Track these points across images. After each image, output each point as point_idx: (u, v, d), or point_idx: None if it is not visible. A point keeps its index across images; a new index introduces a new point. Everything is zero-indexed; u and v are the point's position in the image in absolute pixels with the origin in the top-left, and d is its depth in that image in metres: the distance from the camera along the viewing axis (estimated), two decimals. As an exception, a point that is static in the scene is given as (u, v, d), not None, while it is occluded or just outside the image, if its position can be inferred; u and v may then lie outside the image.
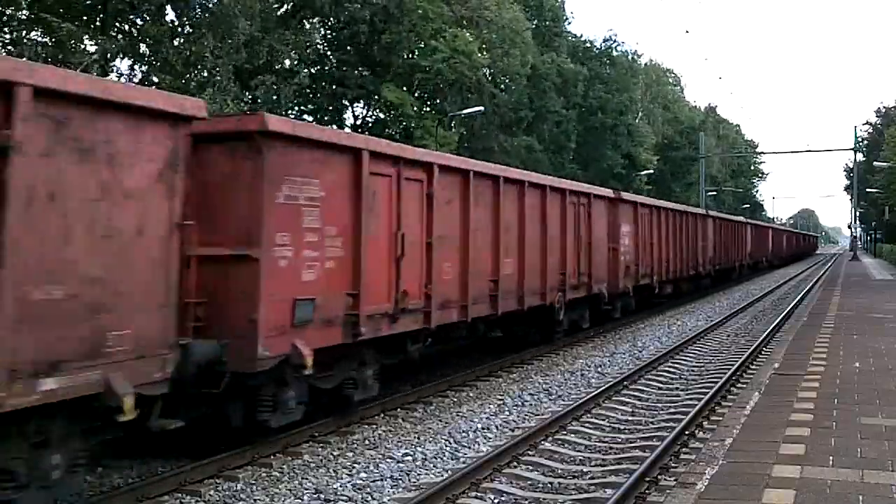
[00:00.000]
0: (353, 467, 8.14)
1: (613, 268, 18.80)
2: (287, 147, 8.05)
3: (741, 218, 45.72)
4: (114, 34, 22.66)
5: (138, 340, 6.19)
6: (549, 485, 7.74)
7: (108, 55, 21.75)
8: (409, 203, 10.20)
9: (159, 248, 6.43)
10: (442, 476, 7.76)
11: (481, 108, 37.05)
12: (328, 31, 34.64)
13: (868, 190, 67.03)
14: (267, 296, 7.70)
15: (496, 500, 7.25)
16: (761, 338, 16.72)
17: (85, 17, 23.91)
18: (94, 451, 6.84)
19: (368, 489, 7.46)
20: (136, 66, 24.24)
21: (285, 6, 26.85)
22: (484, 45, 39.42)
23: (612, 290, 18.50)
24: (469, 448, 9.01)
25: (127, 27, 24.67)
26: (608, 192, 19.58)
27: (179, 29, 25.69)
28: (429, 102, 38.79)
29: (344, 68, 34.91)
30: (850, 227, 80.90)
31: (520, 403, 11.33)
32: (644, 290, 21.60)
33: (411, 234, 10.18)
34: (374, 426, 9.81)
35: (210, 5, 23.88)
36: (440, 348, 13.44)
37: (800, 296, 28.70)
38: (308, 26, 30.83)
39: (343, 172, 8.94)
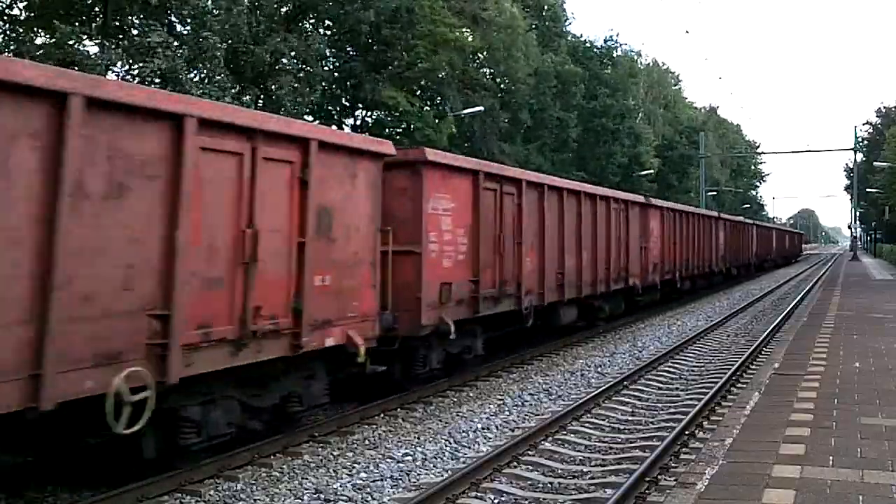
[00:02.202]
0: (353, 467, 8.14)
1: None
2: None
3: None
4: (112, 34, 22.64)
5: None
6: (549, 485, 7.74)
7: (110, 58, 21.74)
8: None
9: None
10: (442, 476, 7.76)
11: (481, 108, 37.04)
12: (331, 34, 34.62)
13: (868, 190, 67.01)
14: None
15: (496, 500, 7.25)
16: (761, 338, 16.72)
17: (85, 18, 23.91)
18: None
19: (368, 489, 7.46)
20: (133, 68, 24.21)
21: (285, 7, 26.83)
22: (484, 46, 39.42)
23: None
24: (469, 448, 9.01)
25: (126, 28, 24.66)
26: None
27: (179, 29, 25.71)
28: (429, 102, 38.74)
29: (345, 70, 34.89)
30: (850, 227, 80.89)
31: (520, 403, 11.33)
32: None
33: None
34: (374, 426, 9.81)
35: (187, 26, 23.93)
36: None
37: (800, 296, 28.71)
38: (310, 28, 30.82)
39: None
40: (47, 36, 22.88)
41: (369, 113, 37.22)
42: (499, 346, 14.44)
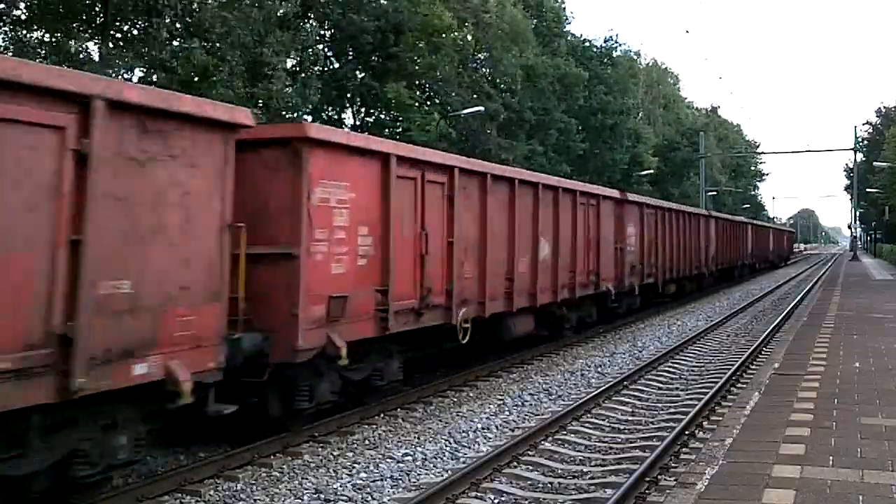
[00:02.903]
0: (353, 467, 8.14)
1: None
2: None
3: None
4: (113, 34, 22.63)
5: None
6: (549, 485, 7.74)
7: (111, 58, 21.72)
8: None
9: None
10: (442, 476, 7.77)
11: (481, 108, 37.02)
12: (330, 34, 34.60)
13: (868, 190, 66.97)
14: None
15: (496, 500, 7.25)
16: (761, 338, 16.72)
17: (85, 17, 23.89)
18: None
19: (368, 489, 7.46)
20: (135, 67, 24.20)
21: (284, 9, 26.78)
22: (484, 46, 39.39)
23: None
24: (469, 448, 9.01)
25: (126, 27, 24.64)
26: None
27: (178, 28, 25.67)
28: (428, 102, 38.71)
29: (345, 70, 34.86)
30: (850, 227, 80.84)
31: (520, 403, 11.33)
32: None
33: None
34: (374, 426, 9.81)
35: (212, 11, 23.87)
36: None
37: (800, 296, 28.71)
38: (308, 29, 30.80)
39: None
40: (48, 37, 22.86)
41: (369, 111, 37.19)
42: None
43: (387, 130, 34.61)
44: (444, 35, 35.82)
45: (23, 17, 23.45)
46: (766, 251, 52.74)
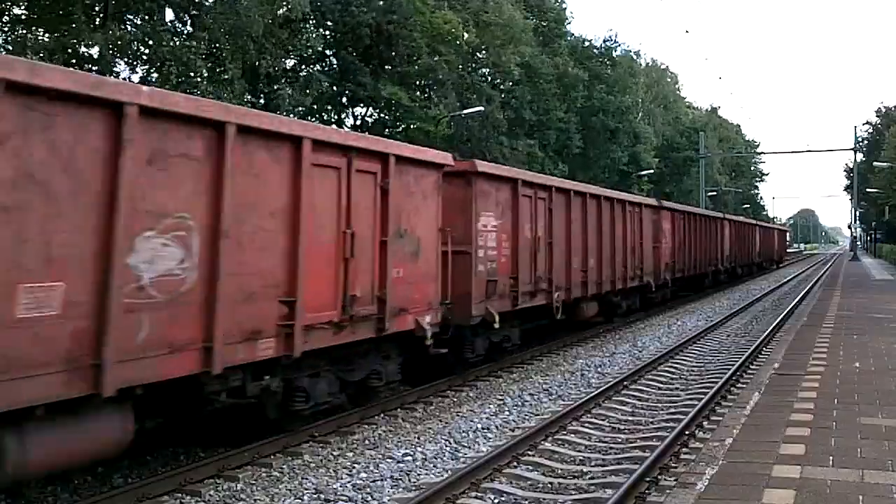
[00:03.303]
0: (353, 467, 8.14)
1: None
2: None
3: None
4: (113, 32, 22.64)
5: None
6: (550, 485, 7.74)
7: (110, 54, 21.74)
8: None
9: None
10: (442, 476, 7.76)
11: (481, 108, 37.03)
12: (329, 33, 34.58)
13: (868, 190, 66.96)
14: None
15: (496, 500, 7.25)
16: (761, 338, 16.72)
17: (84, 17, 23.90)
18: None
19: (368, 489, 7.46)
20: (136, 67, 24.24)
21: (284, 8, 26.79)
22: (483, 45, 39.37)
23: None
24: (469, 448, 9.01)
25: (127, 27, 24.66)
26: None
27: (179, 27, 25.70)
28: (427, 103, 38.72)
29: (346, 69, 34.85)
30: (850, 227, 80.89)
31: (520, 403, 11.33)
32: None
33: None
34: (374, 426, 9.81)
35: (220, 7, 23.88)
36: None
37: (800, 296, 28.70)
38: (310, 29, 30.79)
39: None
40: (48, 36, 22.86)
41: (369, 112, 37.20)
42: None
43: (387, 130, 34.62)
44: (449, 39, 35.78)
45: (23, 16, 23.47)
46: (752, 253, 44.09)
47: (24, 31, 23.01)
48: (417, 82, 37.37)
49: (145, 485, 7.19)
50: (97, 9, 24.23)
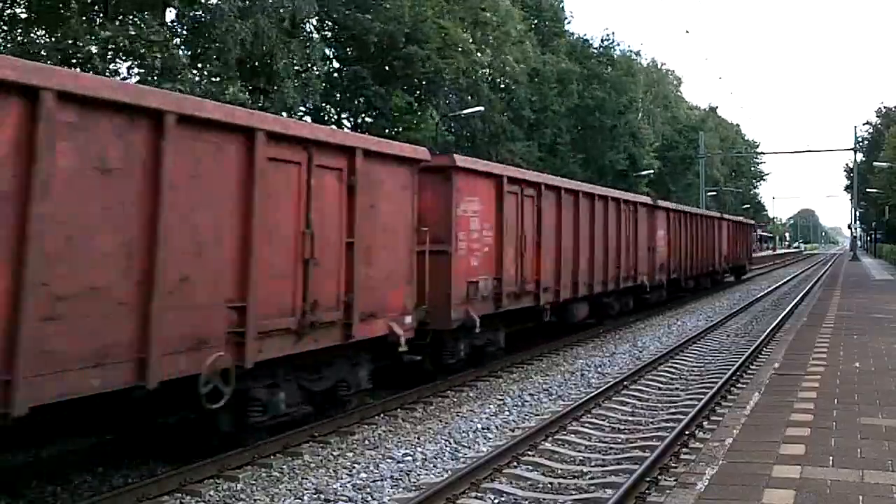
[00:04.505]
0: (353, 467, 8.14)
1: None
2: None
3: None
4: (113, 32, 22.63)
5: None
6: (550, 485, 7.74)
7: (108, 54, 21.73)
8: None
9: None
10: (442, 476, 7.76)
11: (481, 108, 37.03)
12: (332, 34, 34.54)
13: (868, 190, 66.99)
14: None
15: (496, 500, 7.24)
16: (761, 338, 16.71)
17: (84, 17, 23.89)
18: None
19: (368, 489, 7.46)
20: (134, 67, 24.20)
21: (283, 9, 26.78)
22: (483, 45, 39.36)
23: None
24: (469, 448, 9.00)
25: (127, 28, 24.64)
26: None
27: (179, 29, 25.69)
28: (423, 98, 38.71)
29: (348, 73, 34.83)
30: (850, 227, 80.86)
31: (520, 403, 11.33)
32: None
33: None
34: (374, 426, 9.81)
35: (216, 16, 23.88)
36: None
37: (800, 296, 28.70)
38: (310, 29, 30.78)
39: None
40: (48, 36, 22.86)
41: (371, 114, 37.19)
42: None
43: (386, 131, 34.63)
44: (459, 48, 35.79)
45: (22, 15, 23.46)
46: (708, 258, 30.52)
47: (23, 32, 23.01)
48: (421, 90, 37.36)
49: (145, 485, 7.19)
50: (96, 8, 24.22)
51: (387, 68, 34.60)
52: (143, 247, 6.45)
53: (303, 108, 31.31)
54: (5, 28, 23.20)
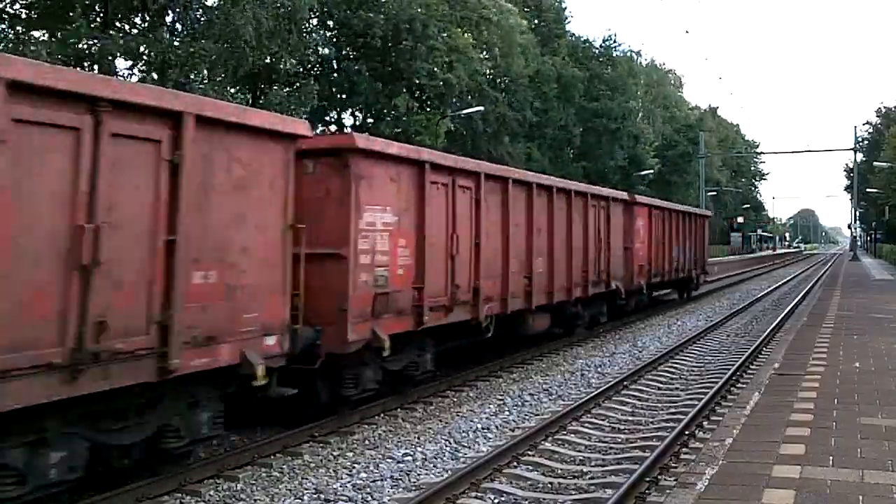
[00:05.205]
0: (353, 467, 8.14)
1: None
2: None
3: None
4: (114, 33, 22.65)
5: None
6: (550, 485, 7.74)
7: (111, 55, 21.73)
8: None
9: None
10: (442, 476, 7.76)
11: (481, 108, 37.03)
12: (338, 38, 34.49)
13: (868, 190, 66.98)
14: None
15: (496, 500, 7.24)
16: (761, 338, 16.71)
17: (84, 17, 23.91)
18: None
19: (368, 489, 7.46)
20: (135, 67, 24.23)
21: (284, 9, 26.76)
22: (484, 45, 39.38)
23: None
24: (469, 448, 9.00)
25: (127, 27, 24.66)
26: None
27: (179, 28, 25.69)
28: (428, 104, 38.74)
29: (354, 77, 34.78)
30: (850, 227, 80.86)
31: (520, 403, 11.33)
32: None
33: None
34: (374, 426, 9.81)
35: (214, 15, 23.85)
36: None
37: (800, 296, 28.69)
38: (314, 33, 30.76)
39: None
40: (48, 36, 22.87)
41: (373, 115, 37.20)
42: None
43: (387, 130, 34.64)
44: (466, 54, 35.79)
45: (22, 14, 23.46)
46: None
47: (24, 31, 23.01)
48: (430, 100, 37.37)
49: (145, 485, 7.18)
50: (97, 8, 24.23)
51: (388, 68, 34.55)
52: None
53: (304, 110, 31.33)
54: (5, 28, 23.20)
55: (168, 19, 25.23)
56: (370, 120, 36.97)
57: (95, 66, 21.33)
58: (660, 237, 22.75)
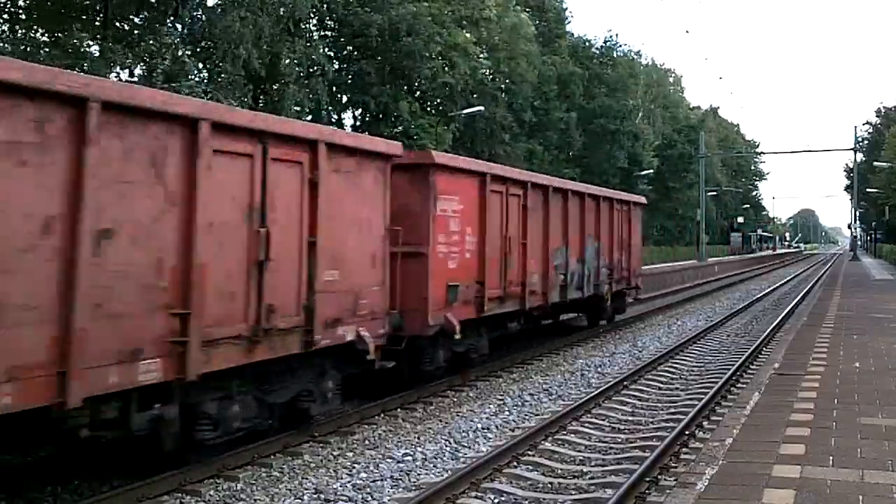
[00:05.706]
0: (353, 467, 8.14)
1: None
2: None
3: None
4: (118, 38, 22.66)
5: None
6: (550, 485, 7.74)
7: (111, 58, 21.74)
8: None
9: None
10: (442, 476, 7.76)
11: (481, 107, 37.01)
12: (333, 35, 34.45)
13: (868, 190, 66.99)
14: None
15: (496, 500, 7.25)
16: (761, 338, 16.71)
17: (84, 18, 23.93)
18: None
19: (368, 489, 7.46)
20: (136, 68, 24.22)
21: (287, 15, 26.72)
22: (484, 46, 39.36)
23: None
24: (469, 448, 9.00)
25: (127, 27, 24.66)
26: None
27: (179, 29, 25.70)
28: (430, 105, 38.70)
29: (350, 72, 34.73)
30: (850, 227, 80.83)
31: (520, 403, 11.33)
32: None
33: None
34: (374, 426, 9.81)
35: (213, 24, 23.86)
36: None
37: (800, 296, 28.70)
38: (315, 35, 30.73)
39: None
40: (48, 37, 22.88)
41: (375, 117, 37.16)
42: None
43: (386, 131, 34.63)
44: (466, 54, 35.76)
45: (22, 15, 23.46)
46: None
47: (24, 30, 23.02)
48: (431, 103, 37.34)
49: (145, 485, 7.18)
50: (97, 8, 24.23)
51: (389, 68, 34.53)
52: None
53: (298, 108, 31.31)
54: (5, 28, 23.21)
55: (168, 20, 25.26)
56: (369, 119, 36.95)
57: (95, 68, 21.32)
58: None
